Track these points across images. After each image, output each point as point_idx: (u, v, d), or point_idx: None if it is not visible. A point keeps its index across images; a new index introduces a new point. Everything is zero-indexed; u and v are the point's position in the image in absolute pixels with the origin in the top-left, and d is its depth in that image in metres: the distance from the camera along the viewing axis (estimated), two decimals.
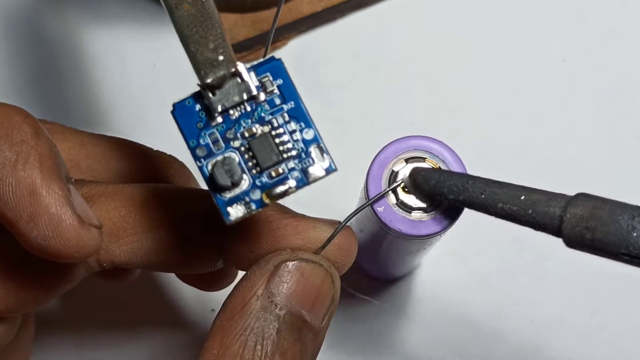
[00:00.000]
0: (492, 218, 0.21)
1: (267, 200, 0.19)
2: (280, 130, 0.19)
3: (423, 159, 0.24)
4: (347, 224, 0.23)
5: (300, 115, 0.19)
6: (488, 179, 0.21)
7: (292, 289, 0.21)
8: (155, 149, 0.27)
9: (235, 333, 0.20)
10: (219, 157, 0.19)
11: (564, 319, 0.35)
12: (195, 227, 0.23)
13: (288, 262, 0.21)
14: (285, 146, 0.19)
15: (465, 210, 0.23)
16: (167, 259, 0.23)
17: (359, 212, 0.23)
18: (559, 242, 0.19)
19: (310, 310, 0.21)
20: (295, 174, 0.19)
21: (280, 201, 0.19)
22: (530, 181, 0.38)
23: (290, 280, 0.21)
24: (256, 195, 0.19)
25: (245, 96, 0.19)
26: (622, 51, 0.38)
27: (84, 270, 0.23)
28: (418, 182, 0.23)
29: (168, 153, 0.27)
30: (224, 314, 0.21)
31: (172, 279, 0.34)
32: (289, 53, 0.38)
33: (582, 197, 0.19)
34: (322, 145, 0.19)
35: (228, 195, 0.19)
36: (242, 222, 0.19)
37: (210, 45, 0.19)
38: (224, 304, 0.21)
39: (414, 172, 0.23)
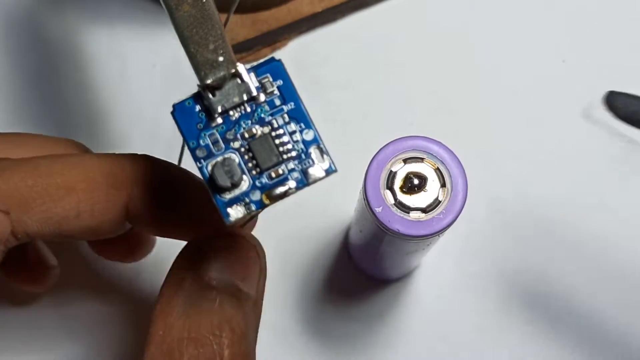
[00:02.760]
0: (492, 218, 0.21)
1: (267, 201, 0.19)
2: (280, 131, 0.19)
3: (421, 159, 0.24)
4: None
5: (300, 116, 0.19)
6: None
7: (222, 263, 0.22)
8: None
9: (177, 310, 0.21)
10: (219, 158, 0.19)
11: (564, 319, 0.35)
12: (99, 192, 0.23)
13: (212, 242, 0.22)
14: (285, 147, 0.19)
15: (465, 209, 0.23)
16: (77, 226, 0.23)
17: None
18: (559, 242, 0.19)
19: (243, 280, 0.22)
20: (295, 175, 0.19)
21: (280, 202, 0.19)
22: (530, 181, 0.38)
23: (218, 256, 0.22)
24: (256, 196, 0.19)
25: (245, 97, 0.19)
26: (622, 51, 0.38)
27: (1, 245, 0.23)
28: (616, 106, 0.22)
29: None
30: (162, 298, 0.22)
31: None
32: (289, 53, 0.38)
33: None
34: (322, 146, 0.19)
35: (228, 196, 0.19)
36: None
37: (210, 46, 0.19)
38: (160, 291, 0.22)
39: (613, 95, 0.22)
